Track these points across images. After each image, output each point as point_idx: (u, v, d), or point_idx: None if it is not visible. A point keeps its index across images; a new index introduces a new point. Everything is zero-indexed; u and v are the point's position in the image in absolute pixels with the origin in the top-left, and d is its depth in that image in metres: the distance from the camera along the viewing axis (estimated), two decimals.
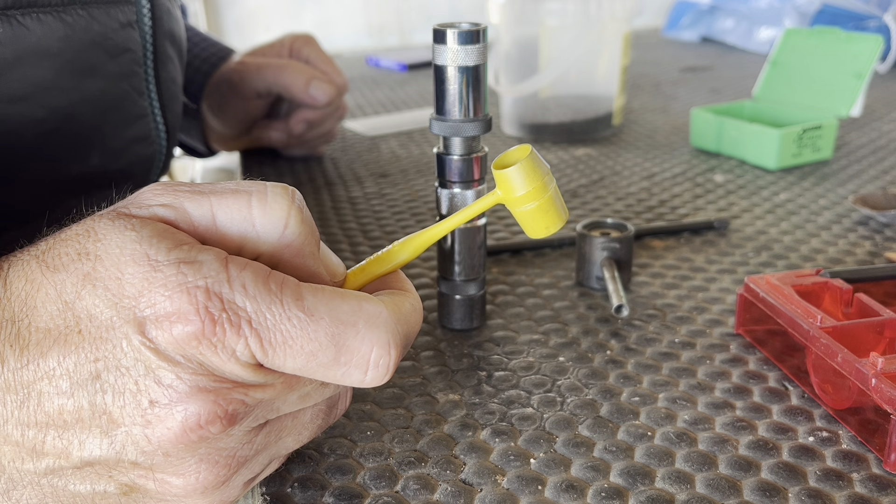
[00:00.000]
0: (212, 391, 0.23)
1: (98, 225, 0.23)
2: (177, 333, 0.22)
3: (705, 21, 1.36)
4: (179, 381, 0.22)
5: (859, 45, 0.68)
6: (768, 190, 0.60)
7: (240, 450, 0.25)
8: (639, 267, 0.47)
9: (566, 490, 0.28)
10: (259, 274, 0.23)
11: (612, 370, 0.36)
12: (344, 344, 0.24)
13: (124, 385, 0.22)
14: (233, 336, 0.22)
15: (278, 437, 0.26)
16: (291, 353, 0.23)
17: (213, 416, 0.23)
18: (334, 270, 0.28)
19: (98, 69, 0.42)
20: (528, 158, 0.29)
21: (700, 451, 0.30)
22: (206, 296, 0.22)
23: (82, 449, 0.23)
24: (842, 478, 0.29)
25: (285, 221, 0.25)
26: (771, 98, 0.72)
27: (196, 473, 0.24)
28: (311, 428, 0.27)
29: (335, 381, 0.24)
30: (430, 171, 0.67)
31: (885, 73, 1.05)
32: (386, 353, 0.24)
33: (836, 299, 0.37)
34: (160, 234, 0.23)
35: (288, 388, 0.25)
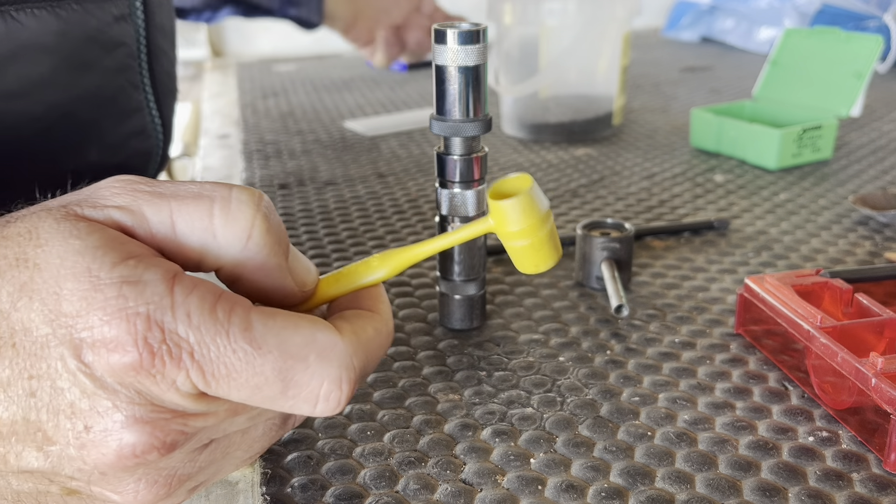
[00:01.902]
0: (149, 422, 0.22)
1: (42, 226, 0.22)
2: (113, 362, 0.21)
3: (705, 21, 1.36)
4: (115, 411, 0.21)
5: (859, 45, 0.68)
6: (768, 190, 0.60)
7: (181, 468, 0.24)
8: (639, 267, 0.47)
9: (566, 490, 0.28)
10: (206, 300, 0.22)
11: (612, 370, 0.36)
12: (292, 379, 0.23)
13: (59, 406, 0.21)
14: (172, 368, 0.21)
15: (226, 453, 0.25)
16: (236, 386, 0.22)
17: (149, 446, 0.22)
18: (304, 280, 0.26)
19: (94, 64, 0.42)
20: (526, 193, 0.27)
21: (700, 451, 0.30)
22: (146, 325, 0.21)
23: (19, 460, 0.22)
24: (842, 478, 0.29)
25: (248, 232, 0.23)
26: (771, 98, 0.72)
27: (135, 492, 0.23)
28: (263, 441, 0.26)
29: (282, 410, 0.23)
30: (430, 171, 0.67)
31: (885, 73, 1.05)
32: (337, 387, 0.23)
33: (836, 299, 0.37)
34: (106, 246, 0.22)
35: (232, 414, 0.24)
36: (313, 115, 0.88)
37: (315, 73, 1.15)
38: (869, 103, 0.86)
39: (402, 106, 0.92)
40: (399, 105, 0.92)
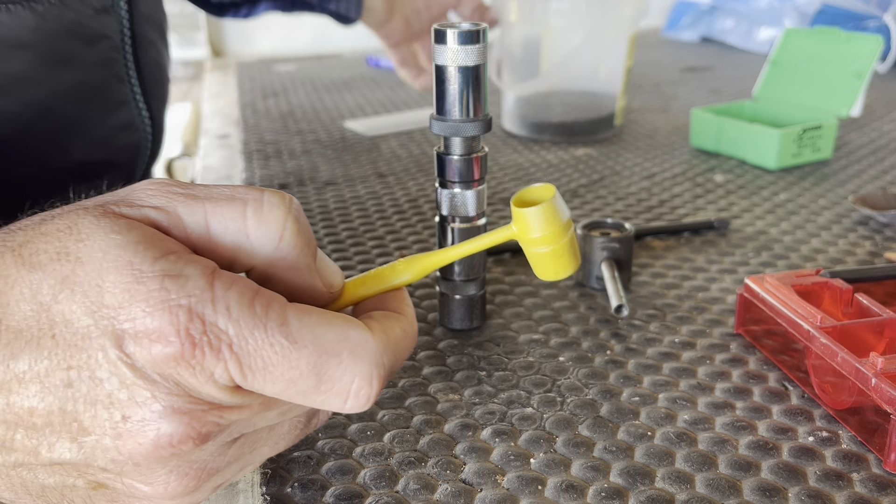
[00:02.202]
0: (186, 413, 0.22)
1: (82, 222, 0.22)
2: (155, 353, 0.21)
3: (705, 21, 1.36)
4: (154, 401, 0.22)
5: (859, 45, 0.68)
6: (768, 190, 0.60)
7: (211, 462, 0.24)
8: (639, 267, 0.47)
9: (566, 490, 0.28)
10: (245, 295, 0.22)
11: (612, 370, 0.36)
12: (325, 373, 0.23)
13: (97, 396, 0.22)
14: (212, 359, 0.22)
15: (252, 448, 0.26)
16: (271, 379, 0.23)
17: (185, 437, 0.22)
18: (331, 281, 0.27)
19: (74, 58, 0.41)
20: (550, 202, 0.28)
21: (700, 451, 0.30)
22: (188, 316, 0.21)
23: (51, 451, 0.23)
24: (842, 478, 0.29)
25: (280, 233, 0.24)
26: (771, 98, 0.72)
27: (165, 484, 0.24)
28: (288, 438, 0.27)
29: (313, 406, 0.24)
30: (430, 171, 0.67)
31: (884, 73, 1.05)
32: (368, 384, 0.24)
33: (836, 299, 0.37)
34: (146, 241, 0.22)
35: (265, 409, 0.24)
36: (313, 115, 0.88)
37: (315, 72, 1.15)
38: (869, 103, 0.86)
39: (402, 106, 0.92)
40: (399, 105, 0.92)
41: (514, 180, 0.64)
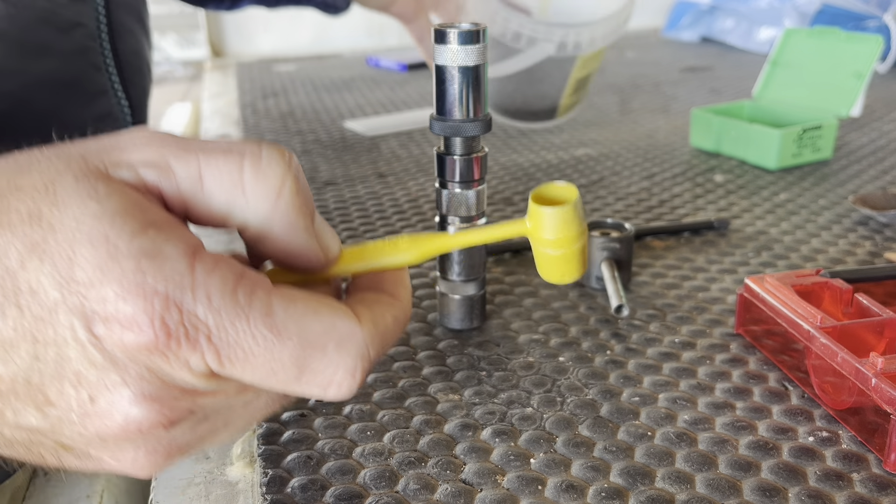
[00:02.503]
0: (157, 399, 0.21)
1: (60, 181, 0.21)
2: (126, 340, 0.20)
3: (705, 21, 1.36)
4: (123, 386, 0.21)
5: (859, 45, 0.68)
6: (768, 190, 0.60)
7: (182, 439, 0.23)
8: (639, 267, 0.47)
9: (566, 490, 0.28)
10: (227, 281, 0.21)
11: (612, 370, 0.36)
12: (308, 366, 0.22)
13: (64, 373, 0.21)
14: (188, 350, 0.21)
15: (227, 423, 0.25)
16: (250, 369, 0.22)
17: (155, 423, 0.22)
18: (328, 245, 0.26)
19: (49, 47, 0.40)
20: (572, 206, 0.27)
21: (700, 452, 0.30)
22: (164, 304, 0.20)
23: (17, 416, 0.22)
24: (842, 478, 0.29)
25: (278, 190, 0.23)
26: (771, 98, 0.72)
27: (133, 460, 0.23)
28: (263, 412, 0.26)
29: (292, 394, 0.23)
30: (430, 171, 0.67)
31: (885, 74, 1.05)
32: (351, 376, 0.23)
33: (836, 299, 0.37)
34: (126, 212, 0.21)
35: (241, 393, 0.24)
36: (313, 115, 0.88)
37: (315, 73, 1.15)
38: (869, 103, 0.86)
39: (401, 106, 0.92)
40: (399, 105, 0.92)
41: (514, 180, 0.64)
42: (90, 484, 0.41)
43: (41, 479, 0.41)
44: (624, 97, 0.95)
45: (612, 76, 1.08)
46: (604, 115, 0.86)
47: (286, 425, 0.32)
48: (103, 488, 0.40)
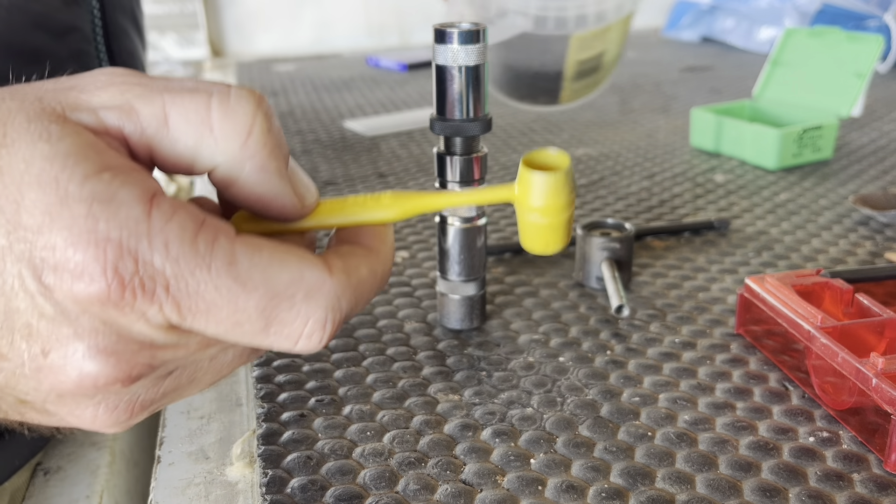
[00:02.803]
0: (113, 353, 0.20)
1: (11, 122, 0.19)
2: (77, 290, 0.19)
3: (705, 21, 1.36)
4: (76, 339, 0.20)
5: (860, 44, 0.68)
6: (769, 190, 0.60)
7: (144, 395, 0.22)
8: (639, 267, 0.47)
9: (566, 490, 0.28)
10: (186, 228, 0.20)
11: (612, 370, 0.36)
12: (276, 317, 0.21)
13: (14, 325, 0.20)
14: (144, 302, 0.19)
15: (192, 379, 0.24)
16: (214, 321, 0.20)
17: (112, 378, 0.20)
18: (303, 192, 0.24)
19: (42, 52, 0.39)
20: (563, 173, 0.26)
21: (700, 452, 0.30)
22: (117, 253, 0.19)
23: None
24: (842, 478, 0.29)
25: (249, 128, 0.21)
26: (771, 98, 0.72)
27: (93, 417, 0.22)
28: (230, 367, 0.25)
29: (260, 347, 0.22)
30: (430, 171, 0.67)
31: (885, 73, 1.05)
32: (321, 328, 0.22)
33: (836, 299, 0.37)
34: (79, 153, 0.19)
35: (204, 348, 0.22)
36: (313, 115, 0.88)
37: (315, 72, 1.15)
38: (869, 103, 0.86)
39: (402, 106, 0.92)
40: (399, 105, 0.92)
41: (514, 180, 0.64)
42: (90, 484, 0.41)
43: (41, 479, 0.41)
44: (624, 97, 0.95)
45: (612, 76, 1.08)
46: (604, 115, 0.86)
47: (286, 426, 0.32)
48: (103, 488, 0.40)
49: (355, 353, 0.38)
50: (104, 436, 0.44)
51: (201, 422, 0.36)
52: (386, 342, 0.39)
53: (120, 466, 0.43)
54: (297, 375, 0.36)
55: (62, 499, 0.40)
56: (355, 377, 0.36)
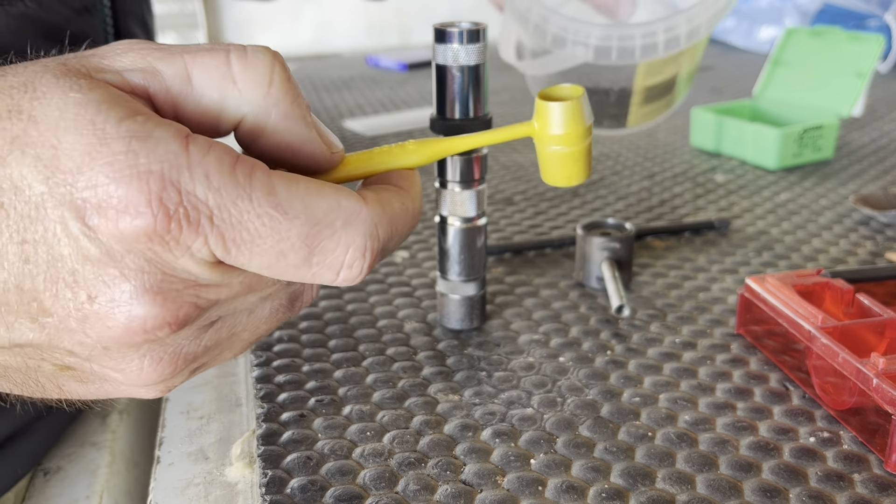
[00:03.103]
0: (160, 293, 0.20)
1: (39, 80, 0.20)
2: (123, 227, 0.19)
3: None
4: (123, 280, 0.19)
5: (860, 44, 0.68)
6: (769, 190, 0.60)
7: (187, 346, 0.22)
8: (639, 267, 0.47)
9: (567, 491, 0.28)
10: (224, 160, 0.20)
11: (612, 370, 0.36)
12: (318, 245, 0.21)
13: (58, 274, 0.19)
14: (190, 234, 0.19)
15: (231, 333, 0.24)
16: (259, 252, 0.20)
17: (160, 320, 0.20)
18: (330, 141, 0.24)
19: None
20: (578, 100, 0.27)
21: (701, 452, 0.30)
22: (160, 184, 0.19)
23: (11, 332, 0.20)
24: (843, 478, 0.29)
25: (269, 77, 0.22)
26: (772, 98, 0.72)
27: (139, 371, 0.22)
28: (269, 323, 0.25)
29: (303, 280, 0.22)
30: (430, 171, 0.67)
31: (886, 73, 1.05)
32: (361, 256, 0.22)
33: (837, 299, 0.37)
34: (111, 101, 0.19)
35: (247, 290, 0.22)
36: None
37: (315, 72, 1.15)
38: (870, 103, 0.86)
39: (402, 105, 0.92)
40: (399, 105, 0.92)
41: (514, 180, 0.64)
42: (90, 484, 0.41)
43: (41, 480, 0.41)
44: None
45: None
46: None
47: (286, 426, 0.32)
48: (103, 489, 0.40)
49: (355, 353, 0.38)
50: (104, 436, 0.44)
51: (201, 422, 0.36)
52: (386, 342, 0.39)
53: (120, 467, 0.43)
54: (296, 376, 0.36)
55: (62, 499, 0.40)
56: (355, 377, 0.36)
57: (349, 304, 0.43)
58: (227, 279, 0.21)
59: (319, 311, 0.42)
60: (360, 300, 0.43)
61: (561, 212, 0.57)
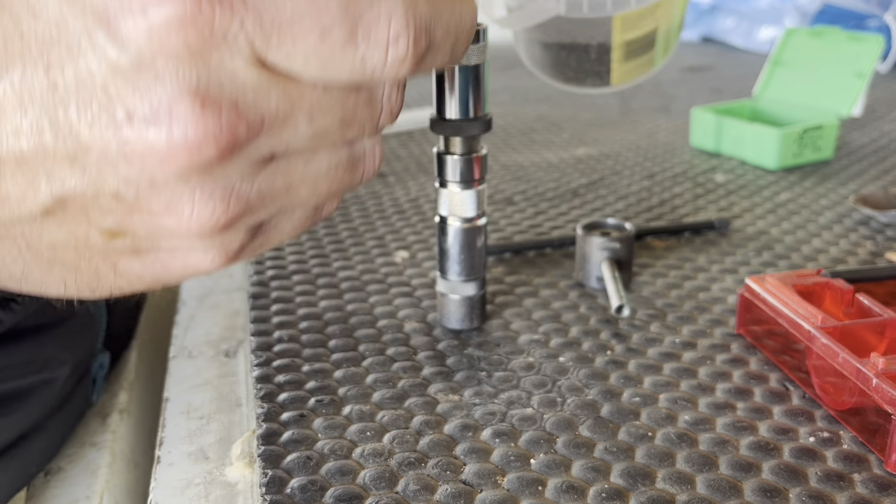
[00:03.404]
0: (199, 94, 0.18)
1: None
2: (152, 19, 0.17)
3: (706, 20, 1.36)
4: (159, 84, 0.18)
5: (860, 44, 0.68)
6: (769, 190, 0.60)
7: (240, 184, 0.21)
8: (639, 267, 0.47)
9: (567, 491, 0.28)
10: None
11: (612, 370, 0.36)
12: (360, 17, 0.19)
13: (90, 94, 0.18)
14: (224, 17, 0.18)
15: (287, 184, 0.22)
16: (301, 33, 0.19)
17: (204, 131, 0.18)
18: None
19: None
20: None
21: (701, 452, 0.30)
22: None
23: (51, 181, 0.19)
24: (843, 478, 0.29)
25: None
26: (772, 98, 0.72)
27: (189, 207, 0.20)
28: (329, 180, 0.23)
29: (353, 68, 0.20)
30: (431, 171, 0.67)
31: (885, 73, 1.05)
32: (404, 28, 0.20)
33: (836, 299, 0.37)
34: None
35: (297, 101, 0.20)
36: None
37: None
38: (870, 103, 0.86)
39: None
40: None
41: (514, 179, 0.64)
42: (90, 485, 0.41)
43: (41, 480, 0.41)
44: (624, 97, 0.95)
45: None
46: (604, 115, 0.86)
47: (286, 426, 0.32)
48: (103, 489, 0.40)
49: (355, 353, 0.38)
50: (104, 436, 0.44)
51: (201, 422, 0.36)
52: (386, 342, 0.39)
53: (120, 467, 0.43)
54: (296, 376, 0.36)
55: (62, 499, 0.40)
56: (355, 377, 0.36)
57: (349, 304, 0.43)
58: (272, 84, 0.19)
59: (319, 311, 0.42)
60: (359, 300, 0.43)
61: (561, 212, 0.57)
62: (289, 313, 0.42)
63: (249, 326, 0.41)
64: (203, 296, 0.48)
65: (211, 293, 0.48)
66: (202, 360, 0.41)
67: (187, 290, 0.49)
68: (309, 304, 0.43)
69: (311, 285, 0.45)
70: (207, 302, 0.47)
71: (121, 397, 0.48)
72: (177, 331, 0.44)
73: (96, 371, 0.46)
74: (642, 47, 0.66)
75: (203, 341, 0.43)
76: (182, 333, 0.44)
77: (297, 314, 0.42)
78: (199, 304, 0.47)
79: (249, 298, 0.44)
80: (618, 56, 0.64)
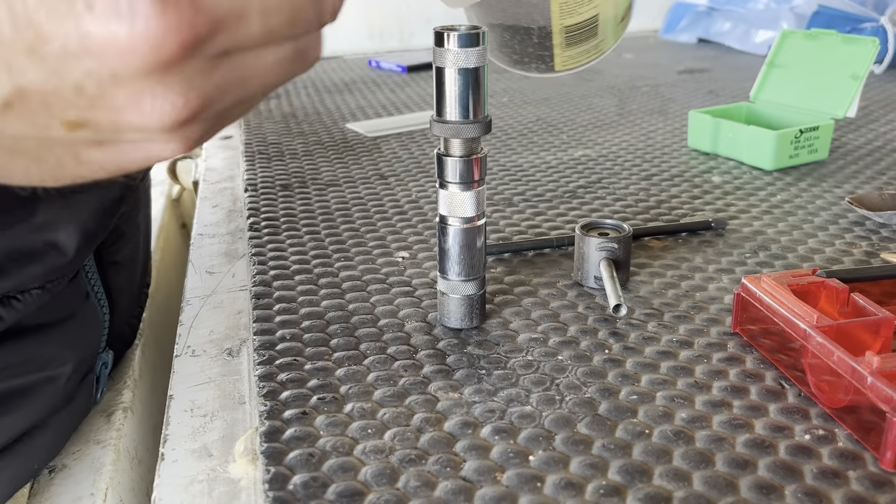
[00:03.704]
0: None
1: None
2: None
3: (703, 23, 1.37)
4: None
5: (856, 47, 0.68)
6: (765, 191, 0.61)
7: (198, 79, 0.21)
8: (637, 267, 0.47)
9: (565, 488, 0.29)
10: None
11: (610, 369, 0.36)
12: None
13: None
14: None
15: (241, 77, 0.22)
16: None
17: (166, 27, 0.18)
18: None
19: None
20: None
21: (697, 450, 0.31)
22: None
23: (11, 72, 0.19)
24: (838, 476, 0.29)
25: None
26: (768, 100, 0.73)
27: (151, 102, 0.20)
28: (277, 72, 0.23)
29: None
30: (431, 172, 0.67)
31: (880, 75, 1.06)
32: None
33: (832, 299, 0.37)
34: None
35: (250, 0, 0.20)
36: (315, 117, 0.89)
37: (317, 74, 1.15)
38: (865, 105, 0.87)
39: (402, 108, 0.92)
40: (400, 107, 0.93)
41: (514, 180, 0.64)
42: (94, 482, 0.41)
43: (45, 478, 0.41)
44: (622, 99, 0.95)
45: (611, 78, 1.08)
46: (602, 117, 0.86)
47: (288, 423, 0.33)
48: (107, 486, 0.41)
49: (356, 351, 0.38)
50: (108, 434, 0.44)
51: (204, 419, 0.36)
52: (387, 341, 0.39)
53: (124, 464, 0.43)
54: (299, 374, 0.36)
55: (67, 497, 0.40)
56: (356, 375, 0.36)
57: (350, 304, 0.43)
58: None
59: (322, 310, 0.42)
60: (361, 300, 0.44)
61: (559, 212, 0.57)
62: (291, 312, 0.42)
63: (252, 325, 0.41)
64: (207, 295, 0.48)
65: (214, 293, 0.49)
66: (206, 358, 0.41)
67: (191, 289, 0.49)
68: (311, 303, 0.43)
69: (314, 285, 0.45)
70: (211, 301, 0.48)
71: (125, 395, 0.48)
72: (181, 330, 0.44)
73: (100, 369, 0.46)
74: (585, 34, 0.66)
75: (207, 340, 0.43)
76: (186, 332, 0.44)
77: (300, 313, 0.42)
78: (203, 303, 0.47)
79: (252, 298, 0.44)
80: (558, 41, 0.63)
